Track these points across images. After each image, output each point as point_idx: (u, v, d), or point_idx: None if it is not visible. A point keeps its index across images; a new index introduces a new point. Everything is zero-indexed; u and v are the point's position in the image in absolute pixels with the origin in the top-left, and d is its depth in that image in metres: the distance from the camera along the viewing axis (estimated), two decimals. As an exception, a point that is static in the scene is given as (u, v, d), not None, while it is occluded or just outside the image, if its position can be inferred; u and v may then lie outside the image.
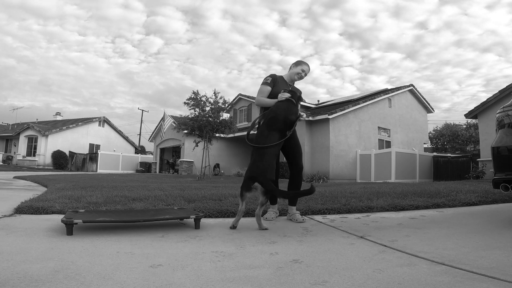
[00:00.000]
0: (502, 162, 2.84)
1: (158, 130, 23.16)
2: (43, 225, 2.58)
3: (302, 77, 3.22)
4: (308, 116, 14.37)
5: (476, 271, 1.53)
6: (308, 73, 3.23)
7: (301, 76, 3.22)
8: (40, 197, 3.94)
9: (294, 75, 3.22)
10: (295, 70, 3.20)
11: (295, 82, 3.34)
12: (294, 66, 3.23)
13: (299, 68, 3.19)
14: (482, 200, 4.14)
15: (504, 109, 2.95)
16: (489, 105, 11.21)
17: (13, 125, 32.07)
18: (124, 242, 2.13)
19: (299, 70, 3.18)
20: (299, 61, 3.28)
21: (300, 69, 3.18)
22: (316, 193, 4.63)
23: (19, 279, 1.37)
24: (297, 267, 1.65)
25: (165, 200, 3.95)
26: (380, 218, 3.19)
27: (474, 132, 27.42)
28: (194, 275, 1.50)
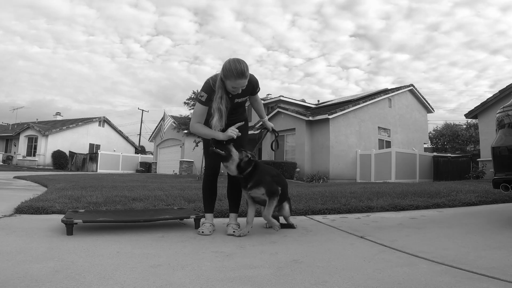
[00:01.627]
0: (502, 162, 2.84)
1: (158, 130, 23.17)
2: (43, 225, 2.58)
3: (234, 91, 2.37)
4: (308, 116, 14.37)
5: (476, 271, 1.53)
6: (244, 85, 2.33)
7: (234, 91, 2.37)
8: (40, 197, 3.94)
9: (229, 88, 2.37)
10: (227, 85, 2.33)
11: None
12: (223, 77, 2.30)
13: (229, 84, 2.29)
14: (482, 200, 4.13)
15: (504, 109, 2.95)
16: (489, 105, 11.21)
17: (13, 125, 32.07)
18: (124, 242, 2.13)
19: (230, 87, 2.32)
20: (227, 70, 2.24)
21: (231, 86, 2.31)
22: (316, 193, 4.63)
23: (19, 279, 1.37)
24: (297, 267, 1.65)
25: (165, 200, 3.95)
26: (380, 218, 3.19)
27: (474, 132, 27.42)
28: (194, 275, 1.50)
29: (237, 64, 2.24)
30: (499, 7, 72.07)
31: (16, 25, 63.82)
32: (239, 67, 2.23)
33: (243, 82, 2.29)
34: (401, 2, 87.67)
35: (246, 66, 2.27)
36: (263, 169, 2.51)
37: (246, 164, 2.42)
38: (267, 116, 2.98)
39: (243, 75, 2.25)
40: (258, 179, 2.44)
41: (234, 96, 2.49)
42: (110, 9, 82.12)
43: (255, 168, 2.45)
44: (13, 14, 60.59)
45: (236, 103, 2.55)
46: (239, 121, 2.67)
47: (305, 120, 14.36)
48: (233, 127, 2.43)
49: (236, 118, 2.66)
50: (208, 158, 2.68)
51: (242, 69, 2.24)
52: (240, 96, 2.52)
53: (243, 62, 2.28)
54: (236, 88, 2.34)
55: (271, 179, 2.50)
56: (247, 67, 2.29)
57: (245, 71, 2.25)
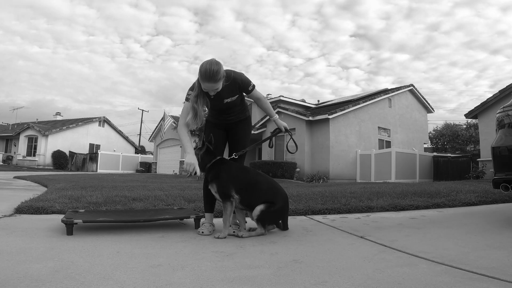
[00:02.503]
0: (502, 162, 2.84)
1: (158, 130, 23.18)
2: (43, 225, 2.58)
3: (212, 95, 2.37)
4: (308, 116, 14.38)
5: (476, 271, 1.53)
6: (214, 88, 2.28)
7: (211, 95, 2.37)
8: (40, 197, 3.94)
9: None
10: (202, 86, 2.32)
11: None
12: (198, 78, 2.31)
13: (202, 85, 2.30)
14: (482, 200, 4.14)
15: (504, 109, 2.95)
16: (489, 105, 11.21)
17: (13, 125, 32.07)
18: (124, 242, 2.13)
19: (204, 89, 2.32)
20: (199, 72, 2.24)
21: (203, 88, 2.31)
22: (316, 193, 4.63)
23: (19, 279, 1.37)
24: (297, 267, 1.65)
25: (165, 200, 3.95)
26: (380, 218, 3.19)
27: (474, 132, 27.41)
28: (194, 275, 1.50)
29: (208, 66, 2.21)
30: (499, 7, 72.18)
31: (16, 25, 63.92)
32: (208, 70, 2.20)
33: (212, 86, 2.26)
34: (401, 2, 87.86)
35: (217, 70, 2.21)
36: (226, 167, 2.40)
37: (204, 157, 2.39)
38: (276, 114, 2.75)
39: (211, 78, 2.21)
40: (214, 173, 2.37)
41: (222, 96, 2.44)
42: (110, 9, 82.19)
43: (219, 163, 2.41)
44: (13, 14, 60.67)
45: (226, 103, 2.50)
46: (237, 119, 2.66)
47: (305, 120, 14.36)
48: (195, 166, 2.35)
49: (235, 117, 2.65)
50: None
51: (211, 73, 2.20)
52: (228, 96, 2.47)
53: (216, 66, 2.22)
54: (209, 91, 2.32)
55: (227, 178, 2.34)
56: (219, 71, 2.22)
57: (214, 75, 2.20)
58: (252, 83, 2.53)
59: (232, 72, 2.45)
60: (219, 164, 2.42)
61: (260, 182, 2.45)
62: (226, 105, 2.53)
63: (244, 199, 2.36)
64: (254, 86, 2.55)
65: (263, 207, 2.33)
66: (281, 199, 2.42)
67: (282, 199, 2.42)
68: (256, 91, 2.58)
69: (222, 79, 2.28)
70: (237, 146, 2.66)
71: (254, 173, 2.51)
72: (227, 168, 2.41)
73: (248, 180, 2.41)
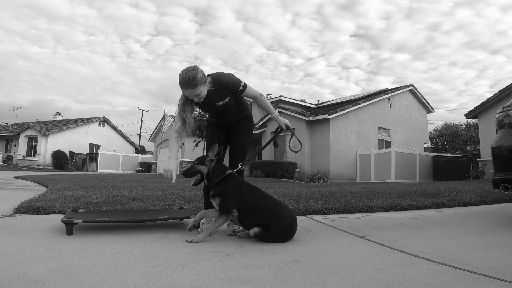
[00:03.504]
0: (502, 162, 2.84)
1: (158, 130, 23.19)
2: (43, 225, 2.58)
3: (197, 102, 2.37)
4: (308, 116, 14.38)
5: (476, 271, 1.53)
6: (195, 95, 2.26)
7: (196, 102, 2.38)
8: (40, 197, 3.94)
9: None
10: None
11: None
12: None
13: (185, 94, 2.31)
14: (482, 200, 4.13)
15: (504, 109, 2.95)
16: (489, 105, 11.21)
17: (13, 125, 32.08)
18: (124, 242, 2.13)
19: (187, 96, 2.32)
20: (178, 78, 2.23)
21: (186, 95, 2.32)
22: (316, 193, 4.63)
23: (19, 279, 1.37)
24: (297, 267, 1.65)
25: (165, 200, 3.95)
26: (380, 218, 3.19)
27: (474, 132, 27.42)
28: (194, 275, 1.50)
29: (183, 73, 2.18)
30: (499, 7, 72.19)
31: (16, 25, 63.92)
32: (184, 77, 2.17)
33: (191, 92, 2.21)
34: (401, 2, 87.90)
35: (192, 76, 2.16)
36: (236, 185, 2.31)
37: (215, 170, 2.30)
38: (276, 111, 2.65)
39: (189, 85, 2.17)
40: (221, 188, 2.27)
41: (213, 101, 2.42)
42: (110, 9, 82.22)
43: (229, 179, 2.31)
44: (13, 14, 60.66)
45: (219, 106, 2.47)
46: (236, 120, 2.65)
47: (305, 120, 14.36)
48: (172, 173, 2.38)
49: (234, 118, 2.64)
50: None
51: (188, 80, 2.16)
52: (219, 100, 2.43)
53: (192, 71, 2.18)
54: (192, 98, 2.28)
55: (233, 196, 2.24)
56: (195, 76, 2.17)
57: (190, 81, 2.16)
58: (242, 83, 2.44)
59: (218, 75, 2.39)
60: (229, 180, 2.32)
61: (261, 206, 2.28)
62: (220, 108, 2.49)
63: (241, 217, 2.25)
64: (245, 86, 2.46)
65: (257, 231, 2.20)
66: (279, 226, 2.20)
67: (280, 226, 2.20)
68: (250, 90, 2.49)
69: (201, 84, 2.22)
70: (237, 147, 2.66)
71: (260, 196, 2.34)
72: (237, 187, 2.31)
73: (252, 202, 2.28)
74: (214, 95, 2.39)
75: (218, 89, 2.37)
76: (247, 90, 2.48)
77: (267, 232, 2.18)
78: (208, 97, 2.37)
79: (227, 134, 2.71)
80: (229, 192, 2.26)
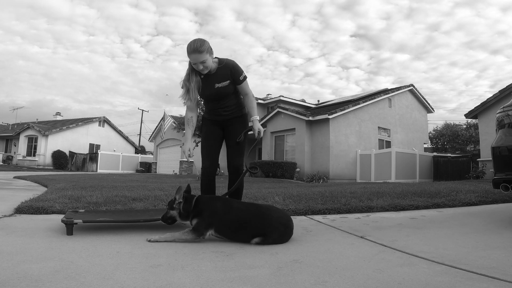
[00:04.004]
0: (502, 162, 2.84)
1: (158, 130, 23.18)
2: (43, 225, 2.58)
3: (201, 70, 2.41)
4: (308, 116, 14.38)
5: (476, 271, 1.53)
6: (199, 60, 2.35)
7: (201, 70, 2.41)
8: (40, 197, 3.94)
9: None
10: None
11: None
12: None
13: (190, 61, 2.42)
14: (482, 200, 4.13)
15: (504, 109, 2.95)
16: (489, 105, 11.21)
17: (13, 125, 32.08)
18: (124, 242, 2.13)
19: (193, 65, 2.42)
20: (187, 47, 2.37)
21: (192, 64, 2.42)
22: (316, 193, 4.63)
23: (19, 279, 1.37)
24: (297, 267, 1.65)
25: (165, 200, 3.95)
26: (380, 218, 3.19)
27: (474, 132, 27.41)
28: (194, 275, 1.50)
29: (192, 40, 2.35)
30: (499, 7, 72.20)
31: (16, 25, 63.92)
32: (193, 42, 2.33)
33: (197, 57, 2.33)
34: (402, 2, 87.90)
35: (201, 42, 2.33)
36: (204, 205, 2.26)
37: (185, 207, 2.26)
38: (256, 117, 2.59)
39: (196, 50, 2.31)
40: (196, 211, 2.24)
41: (213, 80, 2.49)
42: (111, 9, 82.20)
43: (201, 202, 2.28)
44: (14, 14, 60.66)
45: (217, 89, 2.51)
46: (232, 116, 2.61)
47: (305, 120, 14.36)
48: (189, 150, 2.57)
49: (230, 113, 2.61)
50: (204, 157, 2.66)
51: (195, 45, 2.31)
52: (219, 81, 2.50)
53: (200, 39, 2.36)
54: (197, 65, 2.38)
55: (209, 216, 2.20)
56: (203, 43, 2.33)
57: (198, 46, 2.31)
58: (244, 73, 2.53)
59: (225, 58, 2.53)
60: (200, 202, 2.28)
61: (250, 217, 2.23)
62: (217, 92, 2.52)
63: (229, 236, 2.21)
64: (245, 78, 2.55)
65: (257, 240, 2.15)
66: (276, 232, 2.17)
67: (276, 231, 2.17)
68: (247, 85, 2.57)
69: (207, 52, 2.35)
70: (236, 146, 2.64)
71: (243, 208, 2.29)
72: (211, 207, 2.25)
73: (236, 216, 2.22)
74: (216, 75, 2.49)
75: (221, 69, 2.49)
76: (245, 83, 2.56)
77: (266, 239, 2.15)
78: (210, 76, 2.48)
79: (222, 133, 2.71)
80: (204, 214, 2.22)
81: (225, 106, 2.60)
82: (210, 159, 2.64)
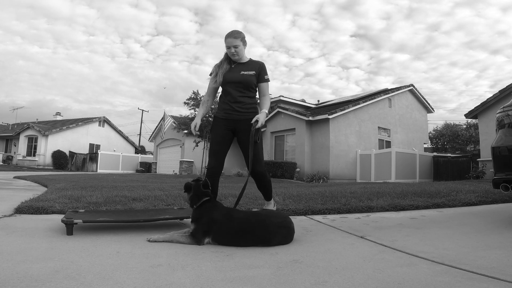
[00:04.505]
0: (502, 162, 2.84)
1: (158, 130, 23.17)
2: (43, 225, 2.58)
3: (232, 53, 2.66)
4: (308, 116, 14.38)
5: (476, 271, 1.53)
6: (233, 44, 2.62)
7: (232, 53, 2.66)
8: (40, 197, 3.94)
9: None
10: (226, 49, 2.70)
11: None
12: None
13: (226, 45, 2.67)
14: (482, 200, 4.13)
15: (504, 109, 2.95)
16: (489, 105, 11.21)
17: (13, 125, 32.08)
18: (124, 242, 2.13)
19: (227, 50, 2.68)
20: (226, 35, 2.68)
21: (226, 48, 2.67)
22: (316, 193, 4.63)
23: (19, 279, 1.37)
24: (297, 267, 1.65)
25: (165, 200, 3.95)
26: (380, 218, 3.19)
27: (474, 132, 27.41)
28: (194, 275, 1.50)
29: (232, 30, 2.69)
30: (499, 7, 72.20)
31: (16, 25, 63.92)
32: (231, 30, 2.68)
33: (232, 41, 2.62)
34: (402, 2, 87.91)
35: (238, 31, 2.68)
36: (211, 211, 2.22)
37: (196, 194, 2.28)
38: (265, 110, 2.63)
39: (232, 35, 2.63)
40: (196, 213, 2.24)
41: (240, 68, 2.70)
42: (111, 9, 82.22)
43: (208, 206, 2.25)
44: (14, 14, 60.68)
45: (242, 75, 2.67)
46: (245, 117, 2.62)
47: (305, 120, 14.35)
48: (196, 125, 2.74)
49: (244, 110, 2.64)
50: (211, 157, 2.66)
51: (233, 31, 2.66)
52: (246, 70, 2.70)
53: (239, 31, 2.70)
54: (230, 49, 2.64)
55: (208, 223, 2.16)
56: (240, 32, 2.68)
57: (235, 33, 2.65)
58: (268, 77, 2.80)
59: (258, 60, 2.83)
60: (203, 208, 2.25)
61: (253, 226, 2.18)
62: (241, 78, 2.67)
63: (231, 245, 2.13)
64: (268, 80, 2.78)
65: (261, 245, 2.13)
66: (278, 236, 2.18)
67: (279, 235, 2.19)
68: (267, 87, 2.79)
69: (242, 40, 2.66)
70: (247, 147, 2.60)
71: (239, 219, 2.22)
72: (209, 215, 2.21)
73: (232, 228, 2.17)
74: (245, 65, 2.74)
75: (252, 63, 2.77)
76: (266, 85, 2.77)
77: (270, 243, 2.13)
78: (239, 65, 2.73)
79: (232, 135, 2.70)
80: (203, 221, 2.19)
81: (240, 102, 2.66)
82: (216, 159, 2.64)
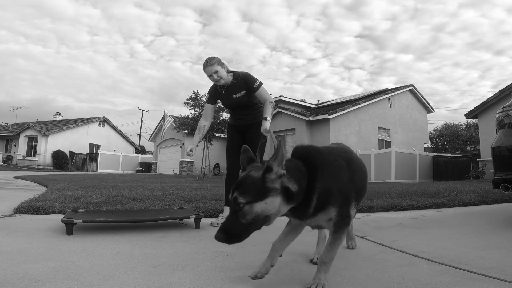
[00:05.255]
0: (502, 162, 2.84)
1: (158, 130, 23.16)
2: (43, 225, 2.58)
3: (216, 80, 2.75)
4: (308, 116, 14.37)
5: (476, 271, 1.53)
6: (211, 72, 2.70)
7: (216, 80, 2.76)
8: (40, 197, 3.94)
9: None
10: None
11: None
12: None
13: (205, 73, 2.77)
14: (482, 200, 4.13)
15: (504, 109, 2.95)
16: (489, 105, 11.21)
17: (13, 125, 32.07)
18: (124, 242, 2.13)
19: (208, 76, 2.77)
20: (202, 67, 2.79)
21: (207, 76, 2.77)
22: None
23: (19, 279, 1.37)
24: (297, 267, 1.65)
25: (165, 200, 3.95)
26: (380, 218, 3.19)
27: (474, 132, 27.40)
28: (194, 275, 1.50)
29: (206, 58, 2.76)
30: (504, 8, 72.09)
31: (20, 25, 63.90)
32: (206, 59, 2.74)
33: (210, 69, 2.70)
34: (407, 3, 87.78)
35: (211, 57, 2.73)
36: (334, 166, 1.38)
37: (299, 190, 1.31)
38: (269, 119, 2.61)
39: (208, 63, 2.70)
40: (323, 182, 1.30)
41: (231, 92, 2.83)
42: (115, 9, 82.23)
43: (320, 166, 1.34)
44: (18, 14, 60.67)
45: (236, 99, 2.83)
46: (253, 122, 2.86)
47: (305, 120, 14.35)
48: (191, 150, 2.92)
49: (252, 117, 2.89)
50: (228, 160, 2.98)
51: (207, 60, 2.72)
52: (236, 92, 2.82)
53: (211, 56, 2.76)
54: (212, 77, 2.73)
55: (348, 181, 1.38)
56: (213, 57, 2.72)
57: (209, 60, 2.71)
58: (258, 81, 2.80)
59: (239, 72, 2.88)
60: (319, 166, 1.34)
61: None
62: (236, 101, 2.85)
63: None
64: (260, 84, 2.80)
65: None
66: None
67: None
68: (263, 91, 2.81)
69: (218, 64, 2.71)
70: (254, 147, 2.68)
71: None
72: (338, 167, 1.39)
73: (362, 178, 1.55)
74: (234, 87, 2.82)
75: (238, 83, 2.82)
76: (261, 90, 2.80)
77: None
78: (229, 88, 2.83)
79: (243, 138, 2.93)
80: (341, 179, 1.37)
81: (245, 113, 2.92)
82: (232, 161, 2.94)
